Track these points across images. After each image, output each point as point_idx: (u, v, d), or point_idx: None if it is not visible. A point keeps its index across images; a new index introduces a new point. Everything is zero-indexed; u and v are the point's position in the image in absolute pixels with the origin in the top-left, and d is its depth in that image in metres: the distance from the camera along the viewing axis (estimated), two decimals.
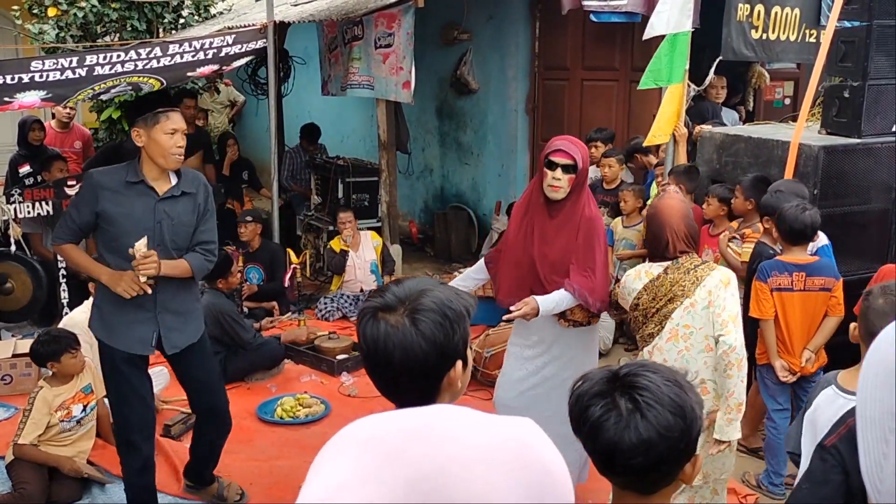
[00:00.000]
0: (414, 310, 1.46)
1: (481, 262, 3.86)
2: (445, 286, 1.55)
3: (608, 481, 1.50)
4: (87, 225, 3.38)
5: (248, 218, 6.77)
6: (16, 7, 8.59)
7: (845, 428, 1.69)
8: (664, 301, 3.28)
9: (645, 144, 5.69)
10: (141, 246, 3.16)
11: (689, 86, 5.48)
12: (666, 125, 5.32)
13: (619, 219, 6.11)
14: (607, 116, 7.25)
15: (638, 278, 3.39)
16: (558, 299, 3.45)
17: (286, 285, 6.77)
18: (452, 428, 1.37)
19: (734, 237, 4.82)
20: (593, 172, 6.66)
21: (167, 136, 3.30)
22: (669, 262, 3.32)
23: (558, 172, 3.42)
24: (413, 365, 1.44)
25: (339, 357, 5.66)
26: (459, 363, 1.49)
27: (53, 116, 8.20)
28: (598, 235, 3.52)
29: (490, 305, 3.85)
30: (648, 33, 5.21)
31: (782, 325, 4.00)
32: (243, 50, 6.75)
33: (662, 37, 5.24)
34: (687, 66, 5.29)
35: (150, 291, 3.27)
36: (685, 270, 3.27)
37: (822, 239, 4.23)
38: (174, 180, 3.41)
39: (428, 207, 9.54)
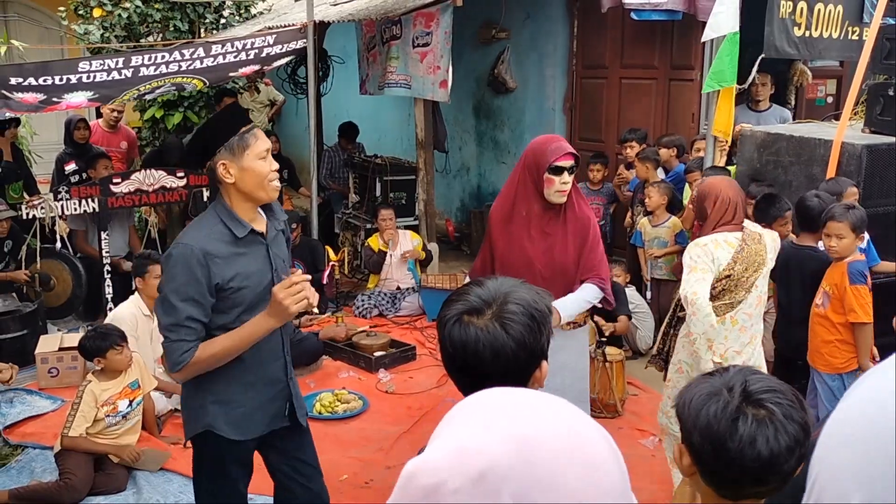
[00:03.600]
0: (502, 312, 1.48)
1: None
2: (526, 286, 1.56)
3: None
4: (209, 310, 2.50)
5: (293, 225, 6.81)
6: (62, 8, 8.78)
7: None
8: (753, 269, 3.45)
9: (715, 133, 5.47)
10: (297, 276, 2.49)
11: None
12: (727, 125, 5.23)
13: (645, 219, 6.06)
14: (645, 115, 7.21)
15: (720, 247, 3.44)
16: (579, 298, 3.43)
17: (324, 282, 6.84)
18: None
19: None
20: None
21: (262, 160, 2.53)
22: (741, 231, 3.47)
23: (565, 176, 3.35)
24: (504, 367, 1.46)
25: (377, 354, 5.71)
26: (545, 362, 1.53)
27: (99, 115, 8.38)
28: (596, 233, 3.53)
29: None
30: (708, 35, 5.13)
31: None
32: (284, 50, 6.84)
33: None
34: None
35: (317, 309, 2.58)
36: (755, 239, 3.48)
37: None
38: (261, 212, 2.66)
39: (465, 206, 9.56)
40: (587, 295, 3.44)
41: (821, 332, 4.03)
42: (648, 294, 6.10)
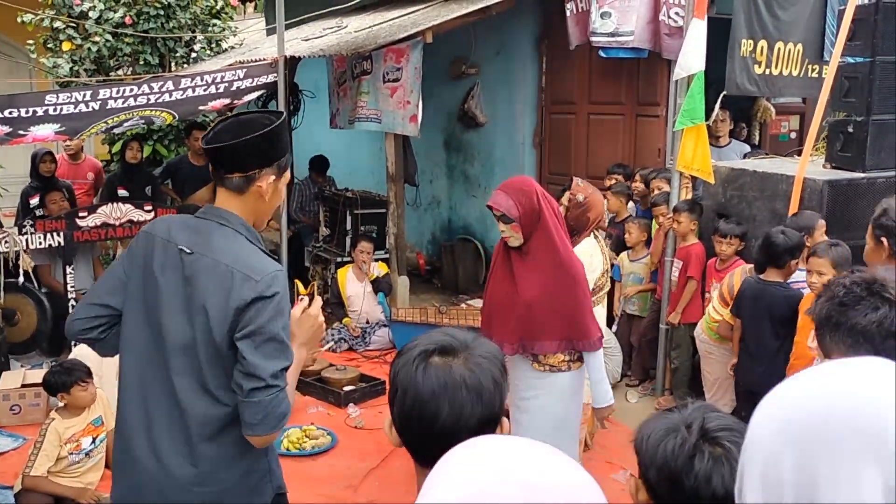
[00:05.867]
0: (470, 357, 1.36)
1: None
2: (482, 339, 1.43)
3: None
4: None
5: None
6: (31, 41, 8.75)
7: None
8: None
9: (689, 172, 5.47)
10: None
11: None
12: (704, 161, 5.28)
13: (624, 253, 6.14)
14: (613, 150, 7.31)
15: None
16: (597, 368, 3.47)
17: None
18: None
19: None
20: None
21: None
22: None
23: (500, 224, 3.39)
24: (481, 413, 1.33)
25: (346, 388, 5.67)
26: (505, 420, 1.39)
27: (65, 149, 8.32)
28: (577, 279, 3.40)
29: None
30: (679, 74, 5.24)
31: None
32: (254, 84, 6.86)
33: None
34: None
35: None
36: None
37: None
38: None
39: (435, 239, 9.58)
40: (597, 367, 3.47)
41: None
42: (615, 327, 6.16)
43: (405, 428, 1.35)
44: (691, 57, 5.14)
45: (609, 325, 6.18)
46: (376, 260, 7.26)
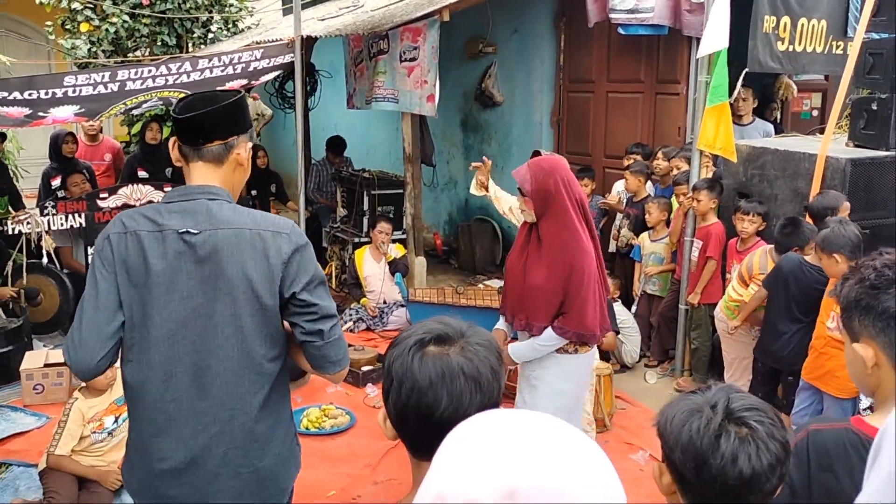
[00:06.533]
0: (467, 345, 1.36)
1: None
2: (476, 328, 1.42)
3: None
4: None
5: None
6: (49, 23, 8.77)
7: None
8: None
9: (711, 151, 5.38)
10: None
11: None
12: (727, 141, 5.21)
13: (645, 234, 6.11)
14: (632, 129, 7.24)
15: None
16: (532, 343, 3.45)
17: None
18: None
19: None
20: (621, 186, 6.68)
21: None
22: None
23: (518, 194, 3.46)
24: (479, 402, 1.33)
25: (365, 368, 5.69)
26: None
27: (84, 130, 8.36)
28: (575, 271, 3.35)
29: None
30: (704, 51, 5.16)
31: None
32: (271, 64, 6.84)
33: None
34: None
35: None
36: None
37: None
38: None
39: (452, 219, 9.57)
40: (542, 340, 3.44)
41: (836, 355, 3.84)
42: (634, 307, 6.13)
43: (402, 419, 1.32)
44: (716, 34, 5.06)
45: (628, 305, 6.17)
46: (394, 241, 7.26)
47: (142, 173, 7.22)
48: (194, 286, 2.07)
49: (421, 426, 1.30)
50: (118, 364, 2.14)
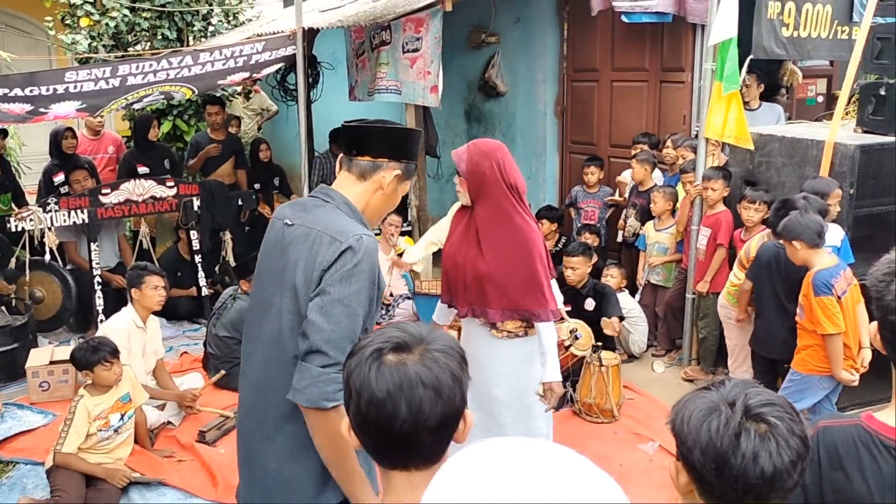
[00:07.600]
0: (427, 352, 1.31)
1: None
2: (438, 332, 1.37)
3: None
4: None
5: None
6: (49, 18, 8.73)
7: None
8: None
9: (720, 139, 5.35)
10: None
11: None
12: (741, 129, 5.14)
13: (650, 223, 6.07)
14: (637, 117, 7.19)
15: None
16: (546, 340, 3.41)
17: None
18: None
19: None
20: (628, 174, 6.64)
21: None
22: None
23: (457, 176, 3.46)
24: (440, 414, 1.29)
25: None
26: (468, 411, 1.33)
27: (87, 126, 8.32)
28: (522, 252, 3.35)
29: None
30: (715, 39, 5.07)
31: (848, 331, 3.96)
32: (273, 57, 6.79)
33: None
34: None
35: None
36: None
37: (833, 238, 4.21)
38: None
39: None
40: (546, 338, 3.41)
41: (803, 336, 4.09)
42: (638, 297, 6.11)
43: (363, 430, 1.30)
44: (726, 21, 4.99)
45: (633, 294, 6.14)
46: (402, 234, 7.23)
47: (142, 169, 7.18)
48: (274, 273, 2.14)
49: (381, 437, 1.27)
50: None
